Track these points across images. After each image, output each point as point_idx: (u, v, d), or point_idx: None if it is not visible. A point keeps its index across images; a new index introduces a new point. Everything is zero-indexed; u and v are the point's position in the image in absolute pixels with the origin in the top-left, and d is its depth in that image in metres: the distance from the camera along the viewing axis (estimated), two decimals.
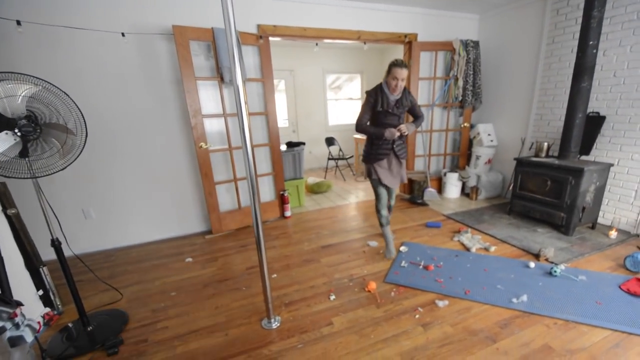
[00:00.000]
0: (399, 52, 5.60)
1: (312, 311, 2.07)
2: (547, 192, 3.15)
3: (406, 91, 2.51)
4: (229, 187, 3.43)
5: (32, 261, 2.12)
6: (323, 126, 6.83)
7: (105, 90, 2.83)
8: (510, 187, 3.67)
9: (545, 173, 3.15)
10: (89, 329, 1.96)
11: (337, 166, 6.20)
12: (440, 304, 2.07)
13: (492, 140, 4.17)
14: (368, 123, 2.54)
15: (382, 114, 2.49)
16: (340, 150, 5.94)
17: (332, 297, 2.20)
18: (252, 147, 1.63)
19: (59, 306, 2.23)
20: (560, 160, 3.10)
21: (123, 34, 2.74)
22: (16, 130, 1.51)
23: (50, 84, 1.54)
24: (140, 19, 2.81)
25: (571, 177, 2.90)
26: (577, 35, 3.00)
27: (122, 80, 2.87)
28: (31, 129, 1.53)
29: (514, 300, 2.07)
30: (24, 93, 1.51)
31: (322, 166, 6.66)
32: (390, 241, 2.78)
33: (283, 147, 4.09)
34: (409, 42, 3.95)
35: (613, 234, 2.93)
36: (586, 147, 3.17)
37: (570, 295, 2.11)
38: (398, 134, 2.48)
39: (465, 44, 3.97)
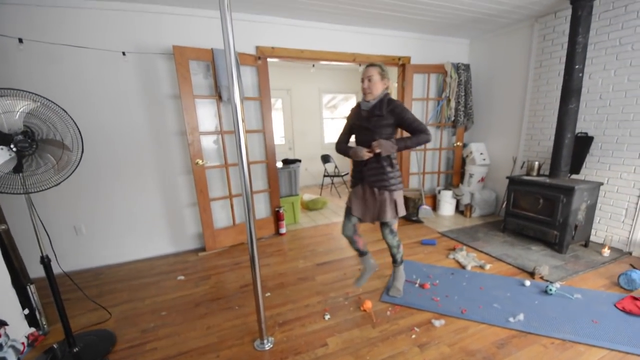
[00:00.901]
0: (393, 73, 5.76)
1: (307, 331, 2.02)
2: (539, 210, 3.19)
3: (386, 101, 2.03)
4: (223, 204, 3.41)
5: (19, 278, 2.06)
6: (319, 144, 6.91)
7: (103, 106, 2.86)
8: (504, 205, 3.71)
9: (537, 191, 3.19)
10: (75, 350, 1.89)
11: (332, 183, 6.22)
12: (437, 323, 2.04)
13: (484, 159, 4.25)
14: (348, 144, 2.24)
15: (355, 129, 2.19)
16: (336, 167, 5.99)
17: (327, 317, 2.16)
18: (249, 164, 1.64)
19: (45, 326, 2.15)
20: (552, 179, 3.16)
21: (124, 53, 2.81)
22: (12, 146, 1.51)
23: (49, 100, 1.56)
24: (141, 39, 2.88)
25: (563, 195, 2.94)
26: (564, 60, 3.13)
27: (119, 97, 2.91)
28: (27, 144, 1.53)
29: (511, 319, 2.05)
30: (22, 109, 1.53)
31: (317, 183, 6.68)
32: (366, 270, 2.40)
33: (279, 164, 4.11)
34: (402, 64, 4.07)
35: (606, 251, 2.95)
36: (576, 166, 3.24)
37: (566, 313, 2.10)
38: (367, 154, 2.03)
39: (457, 66, 4.11)
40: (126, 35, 2.82)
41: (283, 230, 3.80)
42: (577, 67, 2.93)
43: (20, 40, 2.47)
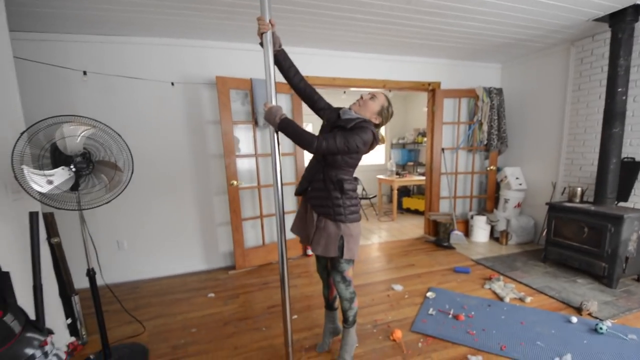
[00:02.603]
0: (422, 98, 5.78)
1: (333, 358, 1.97)
2: (584, 240, 2.97)
3: (357, 123, 1.65)
4: (254, 224, 3.50)
5: (65, 289, 2.20)
6: None
7: (150, 131, 3.11)
8: (544, 233, 3.49)
9: (582, 219, 2.99)
10: None
11: (360, 205, 6.18)
12: (474, 359, 1.92)
13: (520, 184, 4.07)
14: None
15: (322, 127, 1.89)
16: (364, 189, 5.96)
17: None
18: (282, 186, 1.70)
19: (84, 336, 2.25)
20: (597, 207, 2.96)
21: (172, 83, 3.08)
22: (72, 166, 1.67)
23: (106, 125, 1.73)
24: (188, 70, 3.15)
25: (610, 224, 2.74)
26: (604, 82, 3.01)
27: (166, 123, 3.16)
28: (85, 165, 1.68)
29: (557, 359, 1.89)
30: (83, 133, 1.69)
31: None
32: (326, 331, 2.09)
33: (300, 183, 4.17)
34: (432, 89, 4.09)
35: None
36: (623, 193, 3.02)
37: (620, 357, 1.90)
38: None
39: (489, 91, 4.06)
40: (175, 67, 3.10)
41: (310, 252, 3.80)
42: (619, 90, 2.80)
43: (85, 73, 2.80)
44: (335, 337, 2.12)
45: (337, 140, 1.58)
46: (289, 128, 1.57)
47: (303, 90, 1.84)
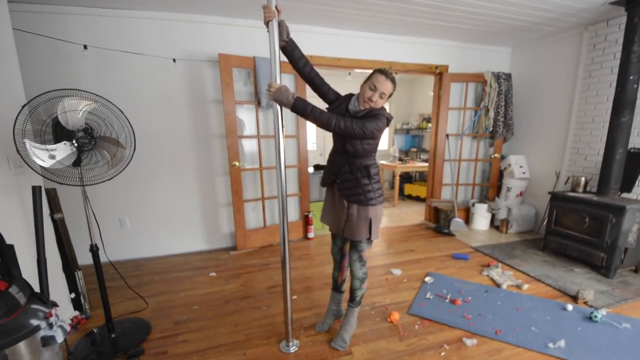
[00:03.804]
0: (428, 82, 5.68)
1: (331, 338, 2.01)
2: (585, 230, 2.98)
3: (373, 114, 1.67)
4: (255, 206, 3.51)
5: (69, 264, 2.23)
6: None
7: (152, 108, 3.07)
8: (545, 222, 3.50)
9: (583, 209, 2.99)
10: (112, 335, 2.00)
11: None
12: (468, 342, 1.96)
13: (524, 172, 4.04)
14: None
15: None
16: None
17: None
18: (285, 168, 1.69)
19: (88, 310, 2.31)
20: (600, 197, 2.95)
21: (174, 60, 3.01)
22: (74, 141, 1.66)
23: (108, 101, 1.70)
24: (190, 47, 3.07)
25: (612, 215, 2.73)
26: (616, 70, 2.93)
27: (167, 100, 3.11)
28: (87, 140, 1.67)
29: (550, 345, 1.93)
30: (84, 108, 1.67)
31: None
32: (329, 312, 2.13)
33: (311, 170, 4.16)
34: (439, 73, 4.00)
35: None
36: (627, 184, 3.00)
37: (613, 344, 1.94)
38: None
39: (497, 76, 3.97)
40: (177, 43, 3.02)
41: (311, 234, 3.83)
42: (631, 77, 2.73)
43: (85, 47, 2.73)
44: (336, 319, 2.15)
45: (354, 124, 1.60)
46: (305, 108, 1.57)
47: (312, 80, 1.81)
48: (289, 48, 1.69)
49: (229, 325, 2.16)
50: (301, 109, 1.56)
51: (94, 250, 1.93)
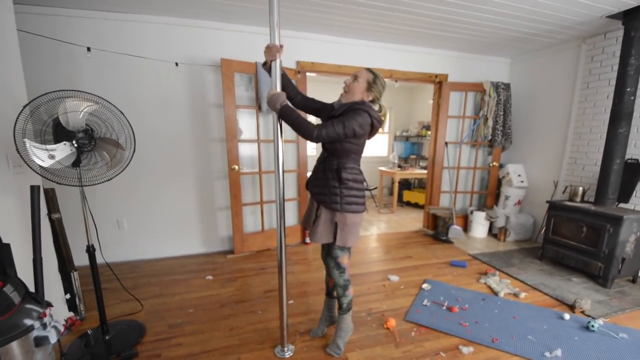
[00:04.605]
0: (428, 90, 5.73)
1: (327, 343, 2.00)
2: (582, 239, 2.98)
3: (352, 108, 1.63)
4: (254, 210, 3.51)
5: (65, 265, 2.22)
6: None
7: (153, 111, 3.09)
8: (542, 231, 3.50)
9: (581, 219, 3.00)
10: (107, 337, 1.99)
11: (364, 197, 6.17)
12: (465, 350, 1.95)
13: (522, 181, 4.06)
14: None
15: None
16: (365, 181, 5.95)
17: None
18: (283, 172, 1.70)
19: (82, 312, 2.29)
20: (597, 207, 2.96)
21: (177, 64, 3.04)
22: (74, 142, 1.67)
23: (109, 102, 1.71)
24: (192, 51, 3.11)
25: (609, 224, 2.74)
26: (613, 82, 2.96)
27: (169, 104, 3.13)
28: (87, 141, 1.68)
29: (547, 354, 1.92)
30: (85, 109, 1.68)
31: None
32: (322, 318, 2.09)
33: (309, 175, 4.16)
34: (439, 82, 4.04)
35: None
36: (625, 194, 3.01)
37: (610, 354, 1.93)
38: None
39: (496, 85, 4.01)
40: (180, 48, 3.06)
41: (309, 239, 3.82)
42: (628, 89, 2.77)
43: (89, 49, 2.76)
44: (331, 325, 2.13)
45: (335, 127, 1.57)
46: (290, 116, 1.57)
47: (304, 104, 1.86)
48: (283, 82, 1.73)
49: (223, 329, 2.15)
50: (285, 116, 1.57)
51: (90, 251, 1.93)
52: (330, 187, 1.70)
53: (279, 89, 1.63)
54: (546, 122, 3.91)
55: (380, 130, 1.78)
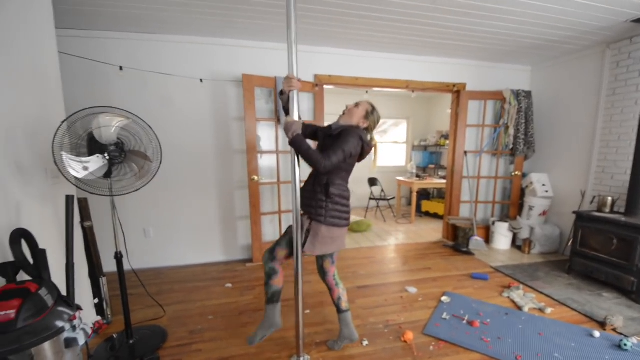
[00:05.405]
0: (446, 100, 5.68)
1: (343, 354, 2.00)
2: (613, 252, 2.83)
3: (346, 131, 1.78)
4: (272, 219, 3.58)
5: (94, 271, 2.35)
6: (366, 167, 6.83)
7: (179, 124, 3.26)
8: (570, 243, 3.36)
9: (611, 230, 2.85)
10: (131, 342, 2.06)
11: (378, 206, 6.15)
12: None
13: (547, 191, 3.92)
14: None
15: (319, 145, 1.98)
16: (382, 191, 5.93)
17: (365, 343, 2.11)
18: (301, 182, 1.75)
19: (109, 316, 2.39)
20: (628, 218, 2.81)
21: (201, 80, 3.21)
22: (106, 154, 1.79)
23: (139, 117, 1.83)
24: (216, 68, 3.27)
25: None
26: None
27: (193, 117, 3.29)
28: (118, 154, 1.79)
29: None
30: (117, 124, 1.81)
31: (363, 206, 6.64)
32: (340, 336, 2.05)
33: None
34: (457, 91, 4.01)
35: None
36: None
37: None
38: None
39: (517, 93, 3.94)
40: (204, 65, 3.23)
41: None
42: None
43: (121, 68, 2.97)
44: (351, 343, 2.08)
45: (338, 153, 1.70)
46: (300, 148, 1.68)
47: (312, 134, 2.03)
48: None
49: (241, 337, 2.18)
50: (297, 146, 1.67)
51: (118, 257, 2.03)
52: (317, 200, 1.81)
53: (296, 117, 1.72)
54: (571, 129, 3.79)
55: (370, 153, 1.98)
